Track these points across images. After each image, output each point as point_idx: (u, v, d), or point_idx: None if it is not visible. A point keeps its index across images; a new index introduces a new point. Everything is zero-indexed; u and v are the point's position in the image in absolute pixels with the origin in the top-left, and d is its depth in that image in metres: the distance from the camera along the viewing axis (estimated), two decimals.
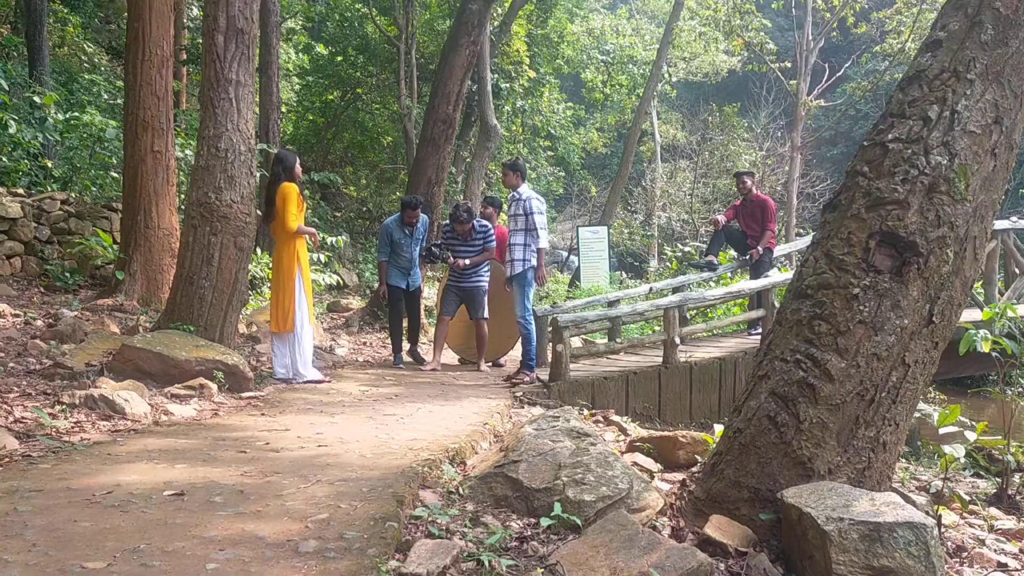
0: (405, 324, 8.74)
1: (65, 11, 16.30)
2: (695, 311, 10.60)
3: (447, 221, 8.54)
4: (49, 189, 10.45)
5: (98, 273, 9.74)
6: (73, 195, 10.25)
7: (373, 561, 2.33)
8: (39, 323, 7.28)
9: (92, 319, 7.36)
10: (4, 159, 10.27)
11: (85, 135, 10.69)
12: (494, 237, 8.35)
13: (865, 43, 22.64)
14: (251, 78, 6.76)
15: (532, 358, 7.49)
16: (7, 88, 10.17)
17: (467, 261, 8.09)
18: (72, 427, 4.27)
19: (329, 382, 6.72)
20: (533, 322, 7.66)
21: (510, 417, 5.68)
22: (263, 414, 5.09)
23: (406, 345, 8.72)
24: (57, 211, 9.76)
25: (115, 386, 5.04)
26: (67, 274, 9.39)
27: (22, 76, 12.19)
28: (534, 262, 7.55)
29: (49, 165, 11.09)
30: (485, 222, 8.38)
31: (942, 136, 2.97)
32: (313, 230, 7.03)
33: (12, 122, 9.72)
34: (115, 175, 10.80)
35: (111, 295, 8.51)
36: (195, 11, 17.91)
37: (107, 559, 2.27)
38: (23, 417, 4.30)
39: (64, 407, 4.54)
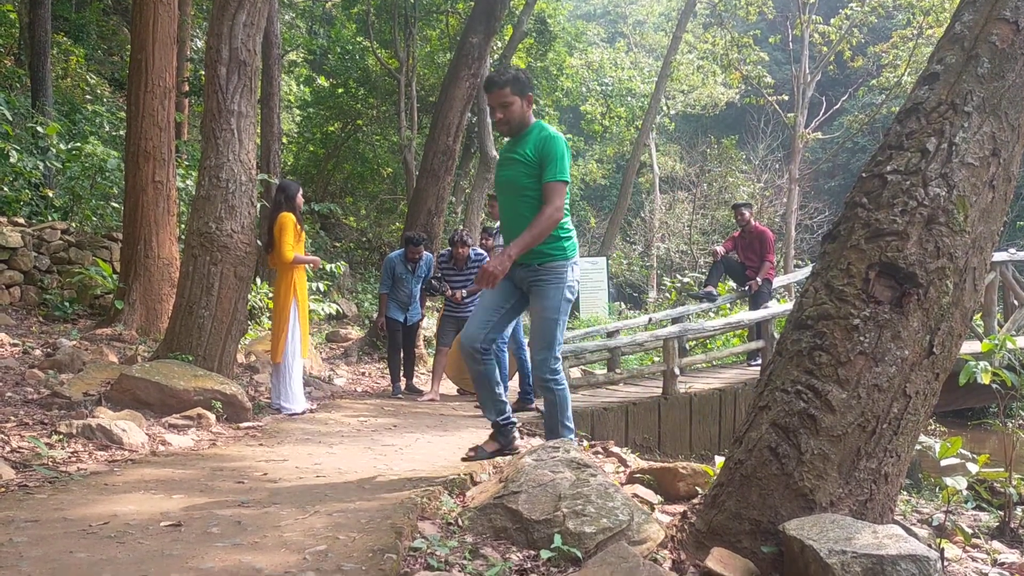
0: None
1: (69, 43, 16.46)
2: (694, 342, 10.61)
3: (444, 251, 8.58)
4: (50, 219, 10.48)
5: (97, 303, 9.74)
6: (74, 225, 10.28)
7: None
8: (37, 352, 7.26)
9: (91, 348, 7.35)
10: (5, 188, 10.32)
11: (87, 165, 10.74)
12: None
13: (862, 76, 22.86)
14: (253, 109, 6.81)
15: (530, 389, 7.38)
16: (10, 118, 10.24)
17: (464, 292, 8.10)
18: (69, 457, 4.24)
19: (314, 411, 6.72)
20: (527, 348, 7.51)
21: None
22: (261, 444, 5.06)
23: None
24: (57, 241, 9.78)
25: (113, 416, 5.02)
26: (66, 303, 9.39)
27: (25, 106, 12.27)
28: None
29: (50, 195, 11.14)
30: (481, 251, 8.41)
31: (940, 168, 2.98)
32: (314, 258, 7.04)
33: (14, 152, 9.77)
34: (116, 205, 10.84)
35: (110, 325, 8.50)
36: (198, 43, 18.09)
37: None
38: (20, 447, 4.28)
39: (61, 437, 4.51)
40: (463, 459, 4.34)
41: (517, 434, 4.47)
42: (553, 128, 4.24)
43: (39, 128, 10.85)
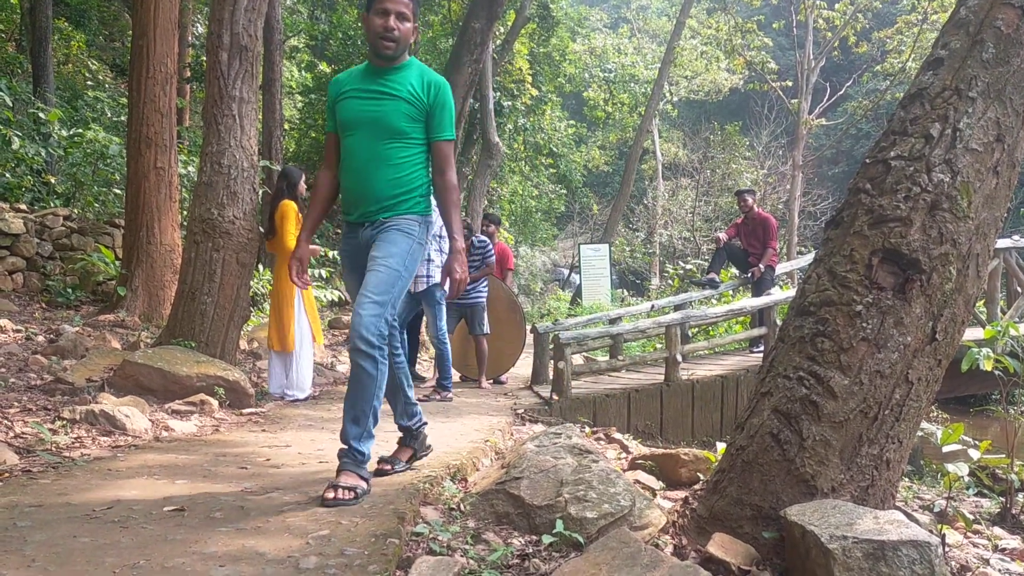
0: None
1: (70, 28, 16.42)
2: (697, 329, 10.61)
3: None
4: (52, 205, 10.48)
5: (100, 289, 9.75)
6: (76, 211, 10.28)
7: None
8: (40, 339, 7.27)
9: (93, 335, 7.36)
10: (7, 175, 10.32)
11: (88, 151, 10.73)
12: (493, 253, 8.36)
13: (866, 62, 22.76)
14: (254, 95, 6.80)
15: (448, 376, 7.23)
16: (11, 104, 10.23)
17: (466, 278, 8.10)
18: (72, 442, 4.26)
19: (316, 397, 6.73)
20: (447, 340, 7.33)
21: (511, 434, 5.67)
22: (264, 430, 5.08)
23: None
24: (59, 227, 9.78)
25: (116, 402, 5.03)
26: (69, 290, 9.40)
27: (26, 93, 12.26)
28: (438, 278, 7.09)
29: (52, 181, 11.13)
30: (484, 238, 8.40)
31: (944, 154, 2.97)
32: (315, 247, 7.04)
33: (16, 138, 9.76)
34: (118, 191, 10.84)
35: (113, 311, 8.51)
36: (199, 29, 18.04)
37: (107, 575, 2.26)
38: (23, 432, 4.29)
39: (65, 422, 4.53)
40: (375, 473, 3.50)
41: (428, 433, 3.92)
42: None
43: (41, 114, 10.84)
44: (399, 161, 3.38)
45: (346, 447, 3.30)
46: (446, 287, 3.37)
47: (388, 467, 3.65)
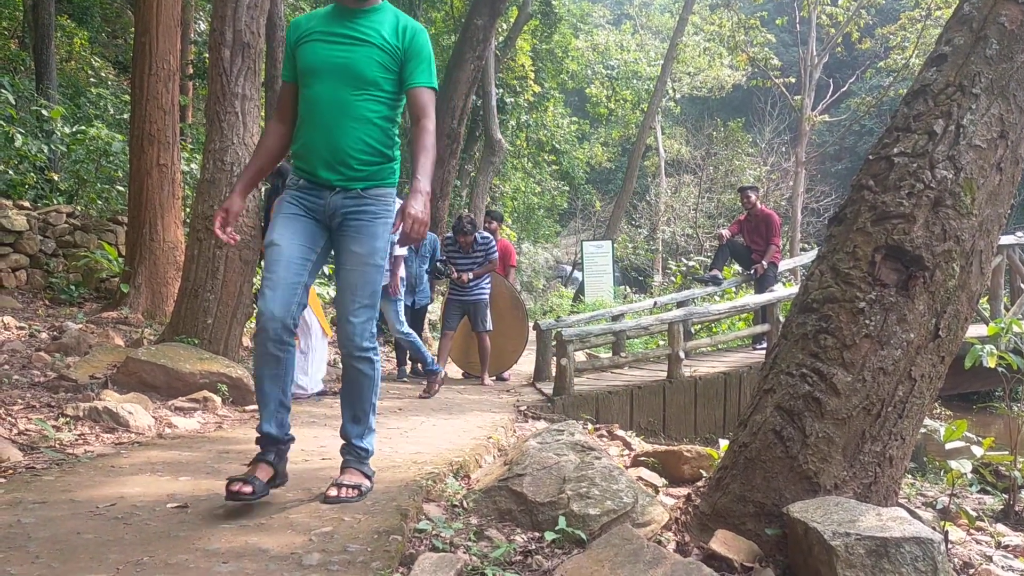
0: None
1: (72, 25, 16.42)
2: (700, 326, 10.60)
3: (449, 234, 8.56)
4: (55, 202, 10.49)
5: (103, 286, 9.76)
6: (79, 208, 10.29)
7: (377, 574, 2.32)
8: (44, 336, 7.29)
9: (97, 332, 7.37)
10: (11, 172, 10.33)
11: (91, 148, 10.75)
12: (496, 249, 8.36)
13: (869, 58, 22.72)
14: (257, 92, 6.80)
15: (428, 360, 7.16)
16: (14, 102, 10.24)
17: (470, 275, 8.09)
18: (76, 439, 4.26)
19: (333, 394, 6.69)
20: (410, 329, 7.26)
21: (514, 431, 5.67)
22: None
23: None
24: (63, 224, 9.79)
25: (119, 399, 5.04)
26: (72, 287, 9.41)
27: (29, 90, 12.27)
28: (400, 272, 7.10)
29: (55, 178, 11.14)
30: (487, 234, 8.39)
31: (947, 150, 2.97)
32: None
33: (19, 135, 9.78)
34: (121, 188, 10.85)
35: (116, 308, 8.52)
36: (202, 26, 18.02)
37: (110, 571, 2.26)
38: (27, 429, 4.30)
39: (68, 419, 4.53)
40: (227, 498, 2.82)
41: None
42: None
43: (43, 111, 10.85)
44: (372, 118, 3.04)
45: (347, 444, 3.22)
46: (397, 235, 2.96)
47: (249, 490, 2.81)
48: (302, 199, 3.11)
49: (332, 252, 3.23)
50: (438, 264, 8.30)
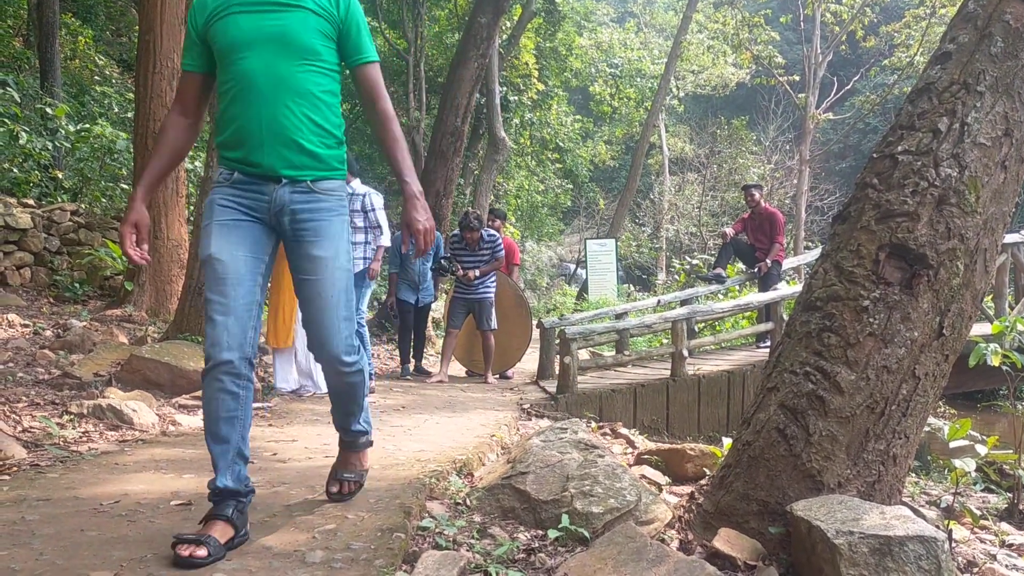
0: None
1: (77, 24, 16.44)
2: (703, 324, 10.58)
3: (455, 231, 8.56)
4: (59, 200, 10.51)
5: (107, 284, 9.78)
6: (83, 206, 10.31)
7: (380, 572, 2.32)
8: (48, 333, 7.30)
9: (101, 329, 7.38)
10: (15, 170, 10.35)
11: (96, 146, 10.76)
12: (502, 247, 8.35)
13: (874, 56, 22.67)
14: None
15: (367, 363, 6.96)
16: (19, 100, 10.25)
17: (476, 273, 8.08)
18: (80, 437, 4.27)
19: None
20: (365, 324, 6.92)
21: (517, 429, 5.67)
22: (270, 424, 5.09)
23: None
24: (67, 222, 9.81)
25: (123, 396, 5.05)
26: (76, 285, 9.43)
27: (34, 88, 12.29)
28: (368, 261, 6.77)
29: (59, 176, 11.16)
30: (493, 232, 8.38)
31: (952, 148, 2.96)
32: None
33: (23, 133, 9.80)
34: (125, 186, 10.87)
35: (120, 306, 8.55)
36: None
37: (114, 568, 2.27)
38: (31, 427, 4.31)
39: (72, 417, 4.54)
40: (175, 563, 2.30)
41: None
42: None
43: (48, 109, 10.87)
44: (316, 91, 2.64)
45: (345, 430, 3.04)
46: (410, 248, 2.82)
47: (203, 554, 2.32)
48: (238, 198, 2.64)
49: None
50: (443, 261, 8.29)
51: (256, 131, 2.58)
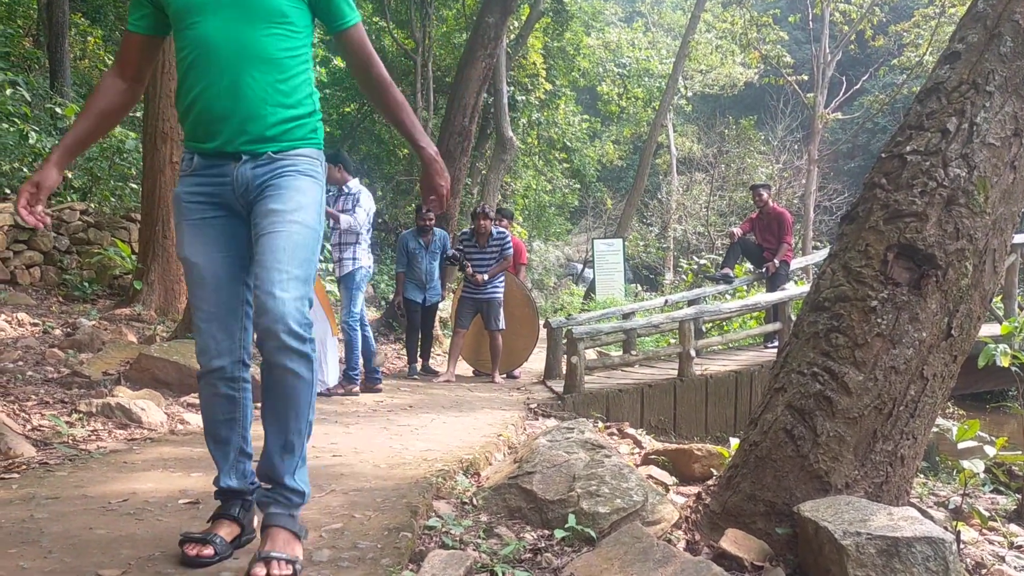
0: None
1: (86, 24, 16.51)
2: (711, 324, 10.56)
3: (464, 230, 8.57)
4: (69, 200, 10.55)
5: (116, 283, 9.81)
6: (92, 206, 10.35)
7: (387, 571, 2.32)
8: (57, 332, 7.33)
9: (110, 328, 7.41)
10: (25, 169, 10.39)
11: (105, 146, 10.80)
12: (511, 245, 8.35)
13: (883, 56, 22.59)
14: None
15: (354, 367, 6.78)
16: (29, 99, 10.30)
17: (485, 277, 8.09)
18: (89, 435, 4.29)
19: (356, 392, 6.66)
20: (361, 328, 6.85)
21: (524, 429, 5.67)
22: None
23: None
24: (76, 221, 9.85)
25: (132, 395, 5.07)
26: (85, 284, 9.47)
27: (43, 88, 12.35)
28: (364, 262, 6.74)
29: (69, 176, 11.20)
30: (502, 230, 8.38)
31: (961, 148, 2.95)
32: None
33: (33, 133, 9.85)
34: (134, 186, 10.90)
35: (129, 305, 8.57)
36: None
37: (122, 566, 2.28)
38: (40, 425, 4.33)
39: (81, 415, 4.56)
40: (182, 562, 2.28)
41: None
42: None
43: (58, 109, 10.93)
44: (283, 57, 2.33)
45: (272, 487, 2.31)
46: (431, 212, 2.38)
47: (210, 552, 2.28)
48: (202, 187, 2.39)
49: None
50: (453, 252, 8.28)
51: (216, 106, 2.30)
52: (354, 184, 6.78)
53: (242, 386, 2.44)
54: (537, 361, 9.24)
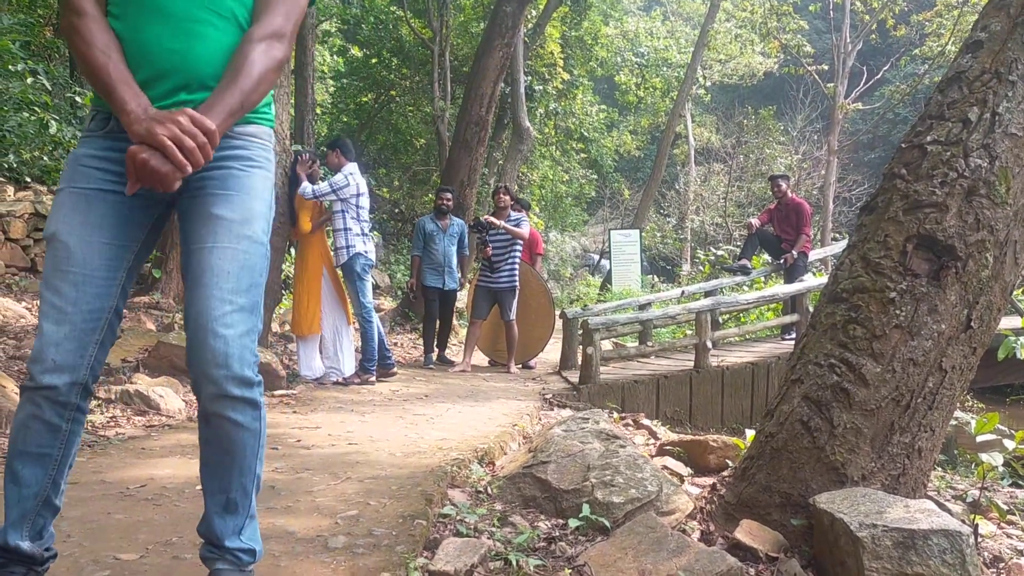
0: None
1: None
2: (728, 315, 10.53)
3: (476, 218, 8.59)
4: None
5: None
6: None
7: (402, 558, 2.33)
8: None
9: (128, 316, 7.46)
10: (45, 159, 10.47)
11: None
12: (526, 221, 8.35)
13: (904, 46, 22.35)
14: (286, 79, 6.82)
15: (371, 358, 6.77)
16: (49, 88, 10.36)
17: (490, 249, 8.15)
18: (108, 422, 4.33)
19: (372, 382, 6.67)
20: (374, 317, 6.81)
21: (539, 419, 5.68)
22: (295, 412, 5.13)
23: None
24: None
25: (150, 382, 5.11)
26: None
27: (63, 77, 12.42)
28: (359, 248, 6.62)
29: None
30: (518, 214, 8.37)
31: (982, 138, 2.91)
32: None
33: (53, 122, 9.90)
34: None
35: (147, 293, 8.62)
36: None
37: (140, 551, 2.30)
38: None
39: (100, 402, 4.61)
40: None
41: None
42: None
43: (77, 98, 10.98)
44: (237, 11, 1.87)
45: (219, 549, 1.92)
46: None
47: None
48: (112, 153, 1.84)
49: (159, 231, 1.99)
50: (481, 220, 8.28)
51: (156, 59, 1.80)
52: (349, 167, 6.71)
53: (74, 416, 1.85)
54: (553, 351, 9.24)
